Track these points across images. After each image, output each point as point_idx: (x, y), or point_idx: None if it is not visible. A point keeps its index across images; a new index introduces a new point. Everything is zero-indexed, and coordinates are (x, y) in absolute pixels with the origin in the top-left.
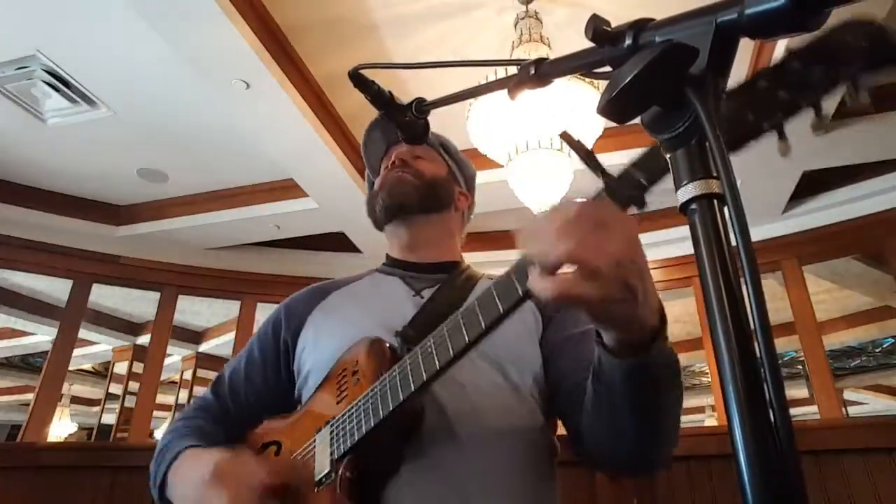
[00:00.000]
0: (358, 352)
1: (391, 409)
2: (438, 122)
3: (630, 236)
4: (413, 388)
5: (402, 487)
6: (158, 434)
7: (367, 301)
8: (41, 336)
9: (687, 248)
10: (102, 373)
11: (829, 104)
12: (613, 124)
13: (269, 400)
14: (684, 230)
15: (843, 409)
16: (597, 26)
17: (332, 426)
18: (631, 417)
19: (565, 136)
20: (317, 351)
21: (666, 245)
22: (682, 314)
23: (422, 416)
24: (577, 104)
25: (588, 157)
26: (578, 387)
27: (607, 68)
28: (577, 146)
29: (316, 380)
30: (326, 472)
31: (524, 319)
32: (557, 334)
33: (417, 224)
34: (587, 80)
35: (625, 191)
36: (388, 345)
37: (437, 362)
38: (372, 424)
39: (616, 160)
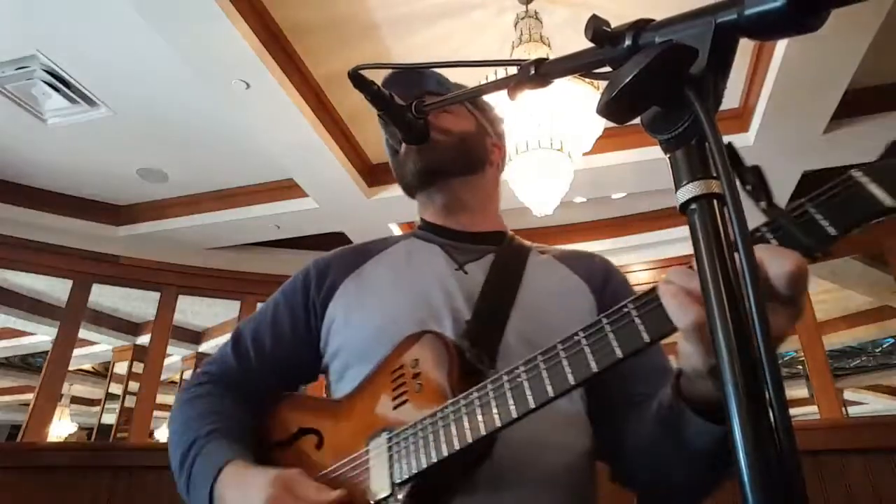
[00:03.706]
0: (419, 350)
1: (470, 442)
2: None
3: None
4: (499, 424)
5: None
6: (158, 434)
7: (405, 274)
8: (41, 336)
9: (687, 249)
10: (102, 373)
11: None
12: (613, 124)
13: (295, 354)
14: (684, 230)
15: (843, 409)
16: (596, 27)
17: (390, 438)
18: (695, 470)
19: (730, 149)
20: (349, 328)
21: (666, 245)
22: None
23: (493, 444)
24: (577, 104)
25: (757, 182)
26: (631, 399)
27: (607, 69)
28: (740, 169)
29: (347, 361)
30: (386, 495)
31: (577, 307)
32: None
33: (455, 188)
34: (587, 80)
35: (800, 237)
36: (454, 345)
37: (530, 401)
38: (445, 453)
39: (616, 160)
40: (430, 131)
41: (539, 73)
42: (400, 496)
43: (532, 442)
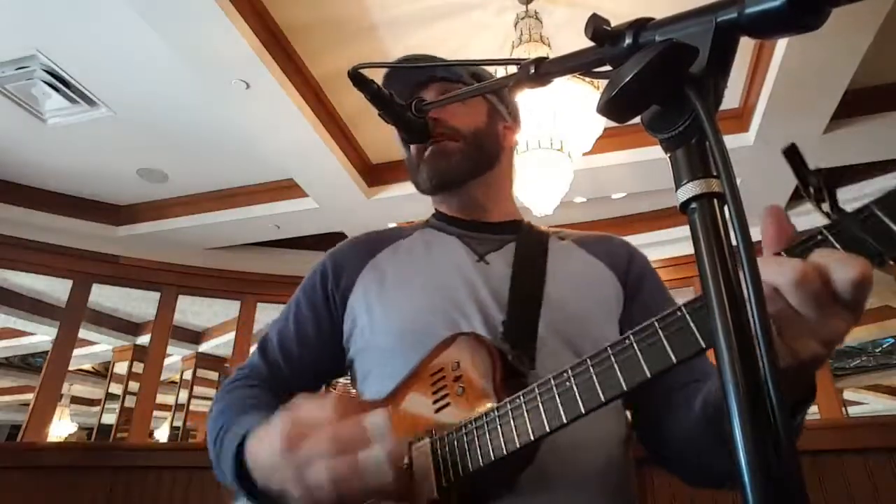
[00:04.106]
0: (459, 352)
1: (518, 447)
2: None
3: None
4: (548, 430)
5: None
6: (158, 434)
7: (426, 267)
8: (41, 336)
9: (687, 248)
10: (102, 373)
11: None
12: (614, 124)
13: (323, 354)
14: (684, 230)
15: (843, 409)
16: (596, 25)
17: (433, 441)
18: None
19: (794, 150)
20: (372, 325)
21: (666, 245)
22: None
23: (538, 448)
24: (577, 104)
25: (821, 185)
26: (671, 387)
27: (607, 67)
28: (803, 171)
29: (372, 359)
30: (432, 499)
31: (603, 296)
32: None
33: (470, 190)
34: (587, 79)
35: (868, 241)
36: (496, 348)
37: (581, 406)
38: (493, 458)
39: (616, 160)
40: (432, 129)
41: (539, 72)
42: (446, 500)
43: (575, 442)
